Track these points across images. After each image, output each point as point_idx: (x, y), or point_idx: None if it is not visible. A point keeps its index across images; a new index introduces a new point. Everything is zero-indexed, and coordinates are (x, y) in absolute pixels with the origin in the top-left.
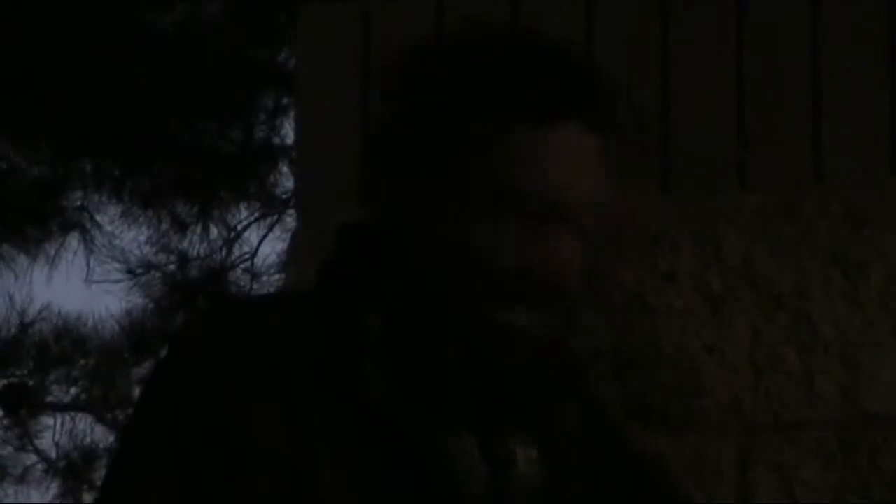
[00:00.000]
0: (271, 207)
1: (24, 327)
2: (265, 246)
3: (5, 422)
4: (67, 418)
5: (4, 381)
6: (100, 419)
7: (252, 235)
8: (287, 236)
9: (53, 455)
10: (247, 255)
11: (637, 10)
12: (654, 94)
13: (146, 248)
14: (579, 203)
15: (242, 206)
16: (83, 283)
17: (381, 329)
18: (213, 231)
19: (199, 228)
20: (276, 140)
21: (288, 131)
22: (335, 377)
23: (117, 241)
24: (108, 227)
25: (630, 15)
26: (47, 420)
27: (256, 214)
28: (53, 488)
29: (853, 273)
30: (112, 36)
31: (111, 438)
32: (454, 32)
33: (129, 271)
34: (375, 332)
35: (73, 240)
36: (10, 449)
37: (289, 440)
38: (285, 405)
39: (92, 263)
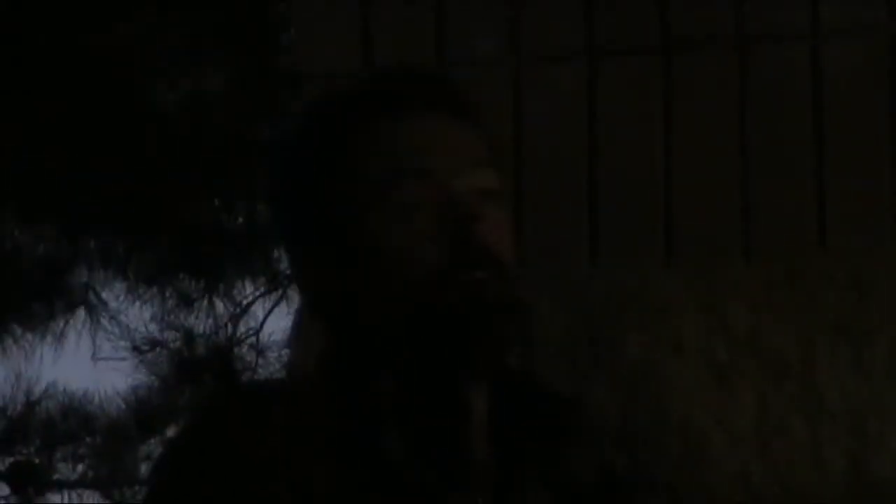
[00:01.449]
0: (276, 283)
1: (30, 405)
2: (270, 322)
3: (12, 500)
4: (74, 496)
5: (11, 459)
6: (106, 496)
7: (258, 311)
8: (291, 312)
9: None
10: (252, 332)
11: (639, 82)
12: (657, 165)
13: (151, 325)
14: (457, 168)
15: (247, 282)
16: (89, 360)
17: (392, 394)
18: (219, 307)
19: (204, 304)
20: None
21: None
22: (351, 448)
23: (123, 319)
24: (114, 305)
25: (632, 86)
26: (54, 498)
27: (261, 290)
28: None
29: (859, 342)
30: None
31: None
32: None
33: (135, 348)
34: (387, 397)
35: (79, 317)
36: None
37: None
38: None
39: (98, 341)
